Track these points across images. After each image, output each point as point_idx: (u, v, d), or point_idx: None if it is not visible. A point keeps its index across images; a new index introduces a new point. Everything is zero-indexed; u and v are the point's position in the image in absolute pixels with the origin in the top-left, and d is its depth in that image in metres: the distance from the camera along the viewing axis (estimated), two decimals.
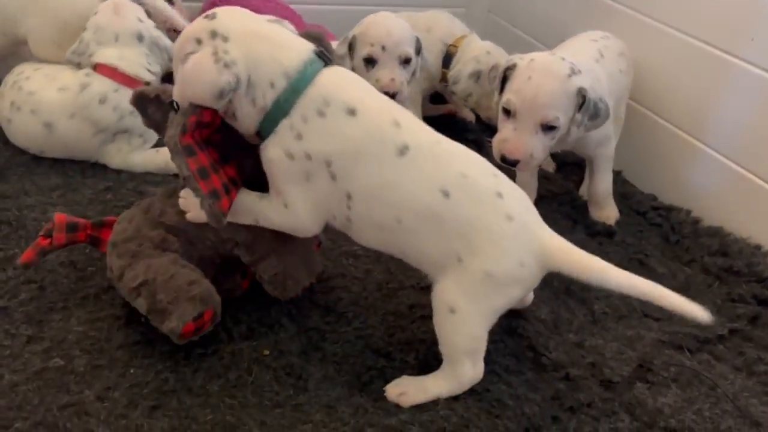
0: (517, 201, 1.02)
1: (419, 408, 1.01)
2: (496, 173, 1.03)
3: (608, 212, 1.55)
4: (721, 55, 1.50)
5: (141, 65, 1.48)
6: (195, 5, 1.92)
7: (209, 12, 1.00)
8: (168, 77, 1.78)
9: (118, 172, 1.47)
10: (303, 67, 0.97)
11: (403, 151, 0.97)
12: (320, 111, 0.96)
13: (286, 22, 1.09)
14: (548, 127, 1.29)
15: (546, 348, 1.16)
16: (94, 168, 1.48)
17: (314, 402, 1.00)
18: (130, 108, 1.42)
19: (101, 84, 1.43)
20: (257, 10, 1.89)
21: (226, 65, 0.93)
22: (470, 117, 1.96)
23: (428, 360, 1.11)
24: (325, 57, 1.02)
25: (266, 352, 1.08)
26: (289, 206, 1.00)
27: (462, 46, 1.75)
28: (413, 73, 1.56)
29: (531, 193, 1.59)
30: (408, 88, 1.54)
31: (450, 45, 1.76)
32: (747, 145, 1.47)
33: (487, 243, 0.97)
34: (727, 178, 1.51)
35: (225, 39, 0.95)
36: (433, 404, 1.02)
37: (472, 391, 1.05)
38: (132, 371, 1.01)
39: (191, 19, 1.76)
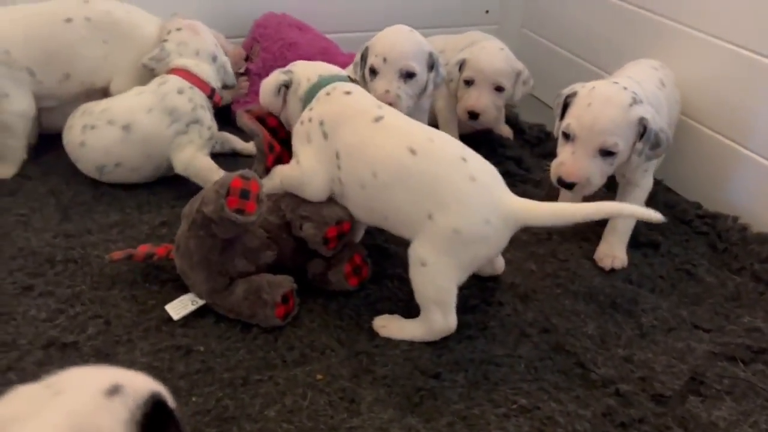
0: (480, 166, 1.18)
1: (471, 428, 1.03)
2: (464, 146, 1.20)
3: (616, 252, 1.42)
4: (761, 59, 1.48)
5: (211, 77, 1.65)
6: (237, 41, 2.00)
7: None
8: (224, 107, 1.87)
9: (173, 206, 1.54)
10: (331, 73, 1.32)
11: (378, 119, 1.21)
12: (328, 92, 1.27)
13: None
14: (607, 153, 1.30)
15: (594, 364, 1.17)
16: (149, 204, 1.56)
17: (368, 425, 1.03)
18: (201, 102, 1.60)
19: (177, 80, 1.60)
20: (295, 42, 1.97)
21: (285, 73, 1.33)
22: (507, 133, 1.97)
23: (477, 380, 1.13)
24: (354, 81, 1.33)
25: (320, 377, 1.12)
26: (300, 162, 1.26)
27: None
28: (425, 89, 1.56)
29: None
30: (410, 101, 1.53)
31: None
32: None
33: (453, 200, 1.13)
34: None
35: (293, 66, 1.36)
36: (486, 424, 1.04)
37: (522, 410, 1.07)
38: (194, 399, 1.06)
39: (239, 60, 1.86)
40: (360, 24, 2.12)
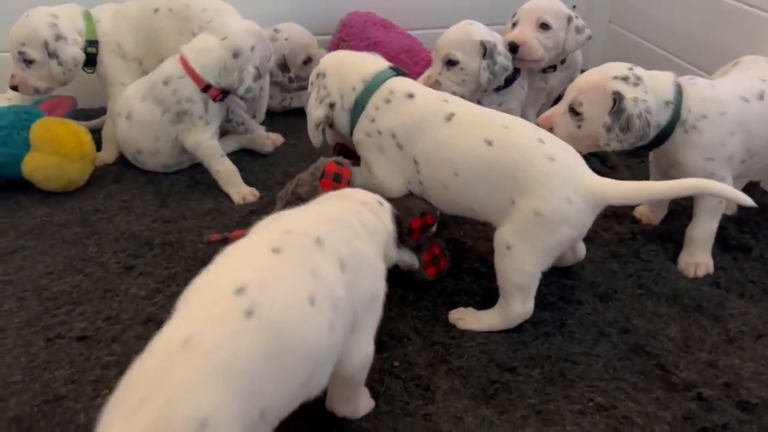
0: (558, 146, 1.17)
1: (546, 423, 1.04)
2: (537, 128, 1.20)
3: (698, 259, 1.37)
4: None
5: (210, 70, 1.59)
6: (325, 38, 2.07)
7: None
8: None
9: (261, 196, 1.62)
10: (376, 74, 1.29)
11: (449, 117, 1.21)
12: (387, 99, 1.26)
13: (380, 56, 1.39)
14: (574, 112, 1.30)
15: (676, 366, 1.14)
16: None
17: (442, 412, 1.06)
18: (188, 95, 1.59)
19: (171, 67, 1.61)
20: (380, 40, 2.01)
21: (322, 101, 1.31)
22: None
23: (553, 376, 1.13)
24: (400, 72, 1.31)
25: (396, 364, 1.15)
26: (372, 171, 1.29)
27: None
28: (480, 77, 1.57)
29: (663, 209, 1.56)
30: (457, 88, 1.55)
31: None
32: None
33: (532, 182, 1.12)
34: None
35: (324, 75, 1.32)
36: (560, 419, 1.04)
37: (599, 408, 1.06)
38: None
39: None
40: (442, 20, 2.14)
